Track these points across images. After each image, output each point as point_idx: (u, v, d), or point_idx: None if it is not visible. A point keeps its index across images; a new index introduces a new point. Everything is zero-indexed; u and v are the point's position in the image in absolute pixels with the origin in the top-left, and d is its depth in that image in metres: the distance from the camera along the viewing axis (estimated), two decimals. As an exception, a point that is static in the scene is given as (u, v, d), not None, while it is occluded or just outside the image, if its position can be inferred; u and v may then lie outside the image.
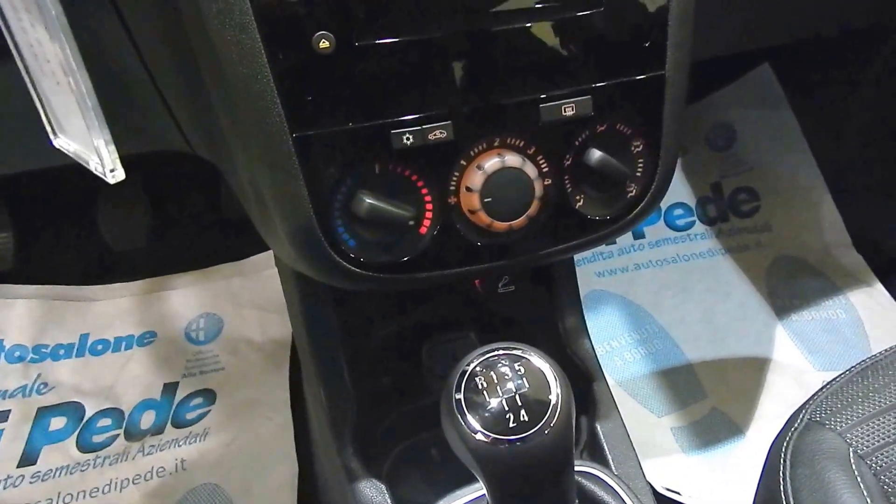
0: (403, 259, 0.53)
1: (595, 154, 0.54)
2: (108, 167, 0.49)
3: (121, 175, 0.50)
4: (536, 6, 0.50)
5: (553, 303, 0.78)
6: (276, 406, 1.14)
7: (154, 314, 1.26)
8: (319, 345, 0.73)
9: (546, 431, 0.42)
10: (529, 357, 0.44)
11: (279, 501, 1.03)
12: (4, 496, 1.02)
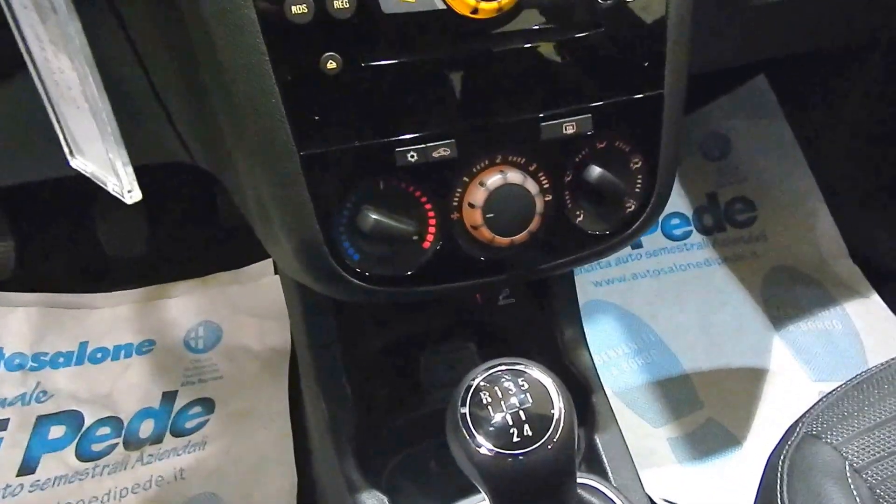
0: (406, 273, 0.54)
1: (595, 170, 0.55)
2: (127, 188, 0.50)
3: (138, 195, 0.51)
4: (537, 28, 0.51)
5: (552, 315, 0.79)
6: (275, 415, 1.13)
7: (153, 322, 1.25)
8: (320, 353, 0.74)
9: (549, 446, 0.43)
10: (532, 372, 0.45)
11: (278, 511, 1.03)
12: (3, 505, 1.02)
